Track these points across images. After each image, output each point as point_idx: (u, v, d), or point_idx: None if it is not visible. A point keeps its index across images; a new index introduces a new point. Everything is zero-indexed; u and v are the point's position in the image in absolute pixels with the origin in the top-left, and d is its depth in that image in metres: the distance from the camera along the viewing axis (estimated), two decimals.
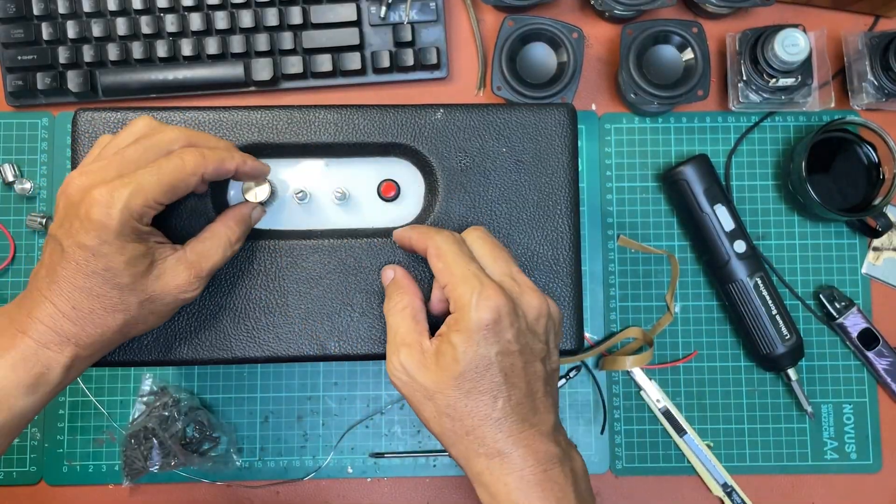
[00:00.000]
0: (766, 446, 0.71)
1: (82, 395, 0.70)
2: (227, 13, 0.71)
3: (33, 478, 0.70)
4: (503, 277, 0.45)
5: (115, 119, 0.52)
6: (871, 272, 0.72)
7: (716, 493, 0.69)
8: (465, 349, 0.42)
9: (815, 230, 0.72)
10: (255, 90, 0.73)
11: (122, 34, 0.71)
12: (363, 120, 0.53)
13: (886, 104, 0.71)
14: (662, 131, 0.73)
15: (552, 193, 0.53)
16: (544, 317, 0.44)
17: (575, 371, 0.71)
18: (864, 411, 0.71)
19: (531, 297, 0.44)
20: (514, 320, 0.43)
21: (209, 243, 0.48)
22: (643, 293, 0.72)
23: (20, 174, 0.72)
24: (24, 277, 0.72)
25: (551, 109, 0.54)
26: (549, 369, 0.45)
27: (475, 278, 0.43)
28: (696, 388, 0.71)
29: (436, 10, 0.72)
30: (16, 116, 0.73)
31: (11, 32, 0.71)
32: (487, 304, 0.42)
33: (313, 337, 0.52)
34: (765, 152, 0.73)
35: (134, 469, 0.67)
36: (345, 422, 0.71)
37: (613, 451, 0.71)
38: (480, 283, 0.43)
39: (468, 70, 0.74)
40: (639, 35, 0.68)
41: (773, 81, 0.68)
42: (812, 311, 0.72)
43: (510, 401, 0.43)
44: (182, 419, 0.68)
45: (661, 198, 0.73)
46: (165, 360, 0.52)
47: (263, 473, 0.70)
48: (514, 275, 0.45)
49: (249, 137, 0.52)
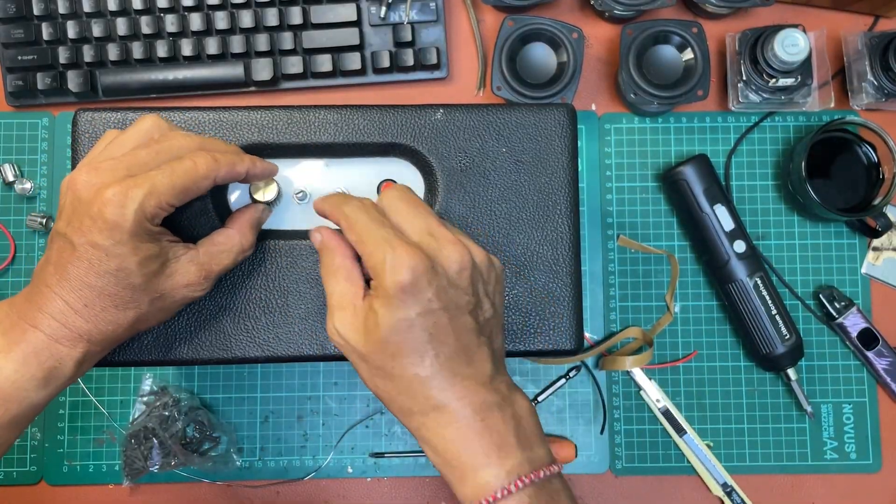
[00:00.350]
0: (766, 446, 0.71)
1: (82, 395, 0.70)
2: (227, 13, 0.71)
3: (33, 478, 0.70)
4: (421, 236, 0.44)
5: (116, 119, 0.52)
6: (870, 272, 0.72)
7: (716, 492, 0.69)
8: (384, 314, 0.42)
9: (815, 230, 0.72)
10: (255, 90, 0.73)
11: (123, 34, 0.71)
12: (363, 120, 0.53)
13: (886, 104, 0.71)
14: (662, 131, 0.73)
15: (552, 193, 0.53)
16: (467, 268, 0.43)
17: (575, 371, 0.71)
18: (863, 411, 0.71)
19: (450, 251, 0.43)
20: (433, 278, 0.42)
21: (223, 248, 0.48)
22: (643, 293, 0.72)
23: (20, 174, 0.72)
24: (24, 277, 0.72)
25: (551, 109, 0.54)
26: (481, 320, 0.44)
27: (386, 243, 0.42)
28: (696, 388, 0.71)
29: (436, 10, 0.72)
30: (16, 116, 0.73)
31: (11, 32, 0.71)
32: (401, 266, 0.41)
33: (313, 337, 0.52)
34: (765, 152, 0.73)
35: (134, 469, 0.68)
36: (345, 422, 0.71)
37: (613, 451, 0.71)
38: (392, 246, 0.42)
39: (468, 70, 0.74)
40: (639, 35, 0.68)
41: (772, 81, 0.68)
42: (812, 311, 0.72)
43: (439, 357, 0.42)
44: (182, 419, 0.68)
45: (661, 198, 0.73)
46: (166, 360, 0.52)
47: (263, 473, 0.70)
48: (432, 230, 0.44)
49: (249, 137, 0.52)
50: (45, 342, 0.44)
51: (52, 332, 0.44)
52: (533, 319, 0.53)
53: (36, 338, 0.44)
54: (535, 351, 0.53)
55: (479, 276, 0.45)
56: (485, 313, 0.45)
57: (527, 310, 0.53)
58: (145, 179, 0.43)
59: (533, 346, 0.53)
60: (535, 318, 0.53)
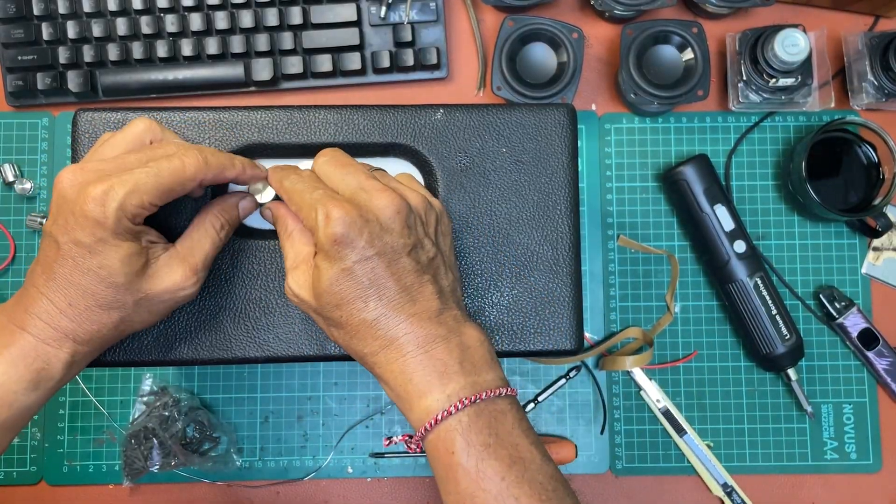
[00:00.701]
0: (766, 446, 0.71)
1: (82, 395, 0.70)
2: (227, 13, 0.71)
3: (33, 478, 0.70)
4: (353, 192, 0.45)
5: (116, 119, 0.52)
6: (871, 272, 0.72)
7: (716, 493, 0.69)
8: (325, 267, 0.44)
9: (815, 230, 0.72)
10: (255, 90, 0.73)
11: (123, 34, 0.71)
12: (363, 120, 0.53)
13: (886, 104, 0.71)
14: (662, 131, 0.73)
15: (552, 193, 0.53)
16: (401, 212, 0.45)
17: (575, 371, 0.71)
18: (864, 411, 0.71)
19: (379, 200, 0.45)
20: (364, 226, 0.44)
21: (195, 234, 0.49)
22: (643, 293, 0.72)
23: (20, 174, 0.72)
24: (24, 277, 0.71)
25: (551, 109, 0.54)
26: (423, 259, 0.46)
27: (317, 202, 0.44)
28: (696, 388, 0.71)
29: (436, 10, 0.72)
30: (16, 116, 0.73)
31: (11, 32, 0.71)
32: (332, 219, 0.43)
33: (313, 337, 0.52)
34: (765, 152, 0.73)
35: (134, 469, 0.68)
36: (345, 422, 0.71)
37: (613, 451, 0.71)
38: (322, 204, 0.44)
39: (468, 70, 0.74)
40: (639, 35, 0.68)
41: (773, 81, 0.68)
42: (812, 311, 0.72)
43: (381, 300, 0.44)
44: (182, 419, 0.68)
45: (661, 198, 0.73)
46: (165, 361, 0.52)
47: (263, 473, 0.70)
48: (362, 185, 0.46)
49: (249, 137, 0.52)
50: (32, 343, 0.44)
51: (39, 333, 0.44)
52: (533, 319, 0.53)
53: (24, 340, 0.44)
54: (535, 351, 0.53)
55: (417, 219, 0.46)
56: (427, 253, 0.46)
57: (527, 310, 0.53)
58: (129, 177, 0.43)
59: (533, 346, 0.53)
60: (535, 318, 0.53)
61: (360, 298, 0.44)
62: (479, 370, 0.45)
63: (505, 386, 0.46)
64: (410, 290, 0.45)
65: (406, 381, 0.45)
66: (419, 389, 0.44)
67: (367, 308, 0.44)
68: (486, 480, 0.43)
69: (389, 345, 0.45)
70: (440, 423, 0.44)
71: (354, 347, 0.46)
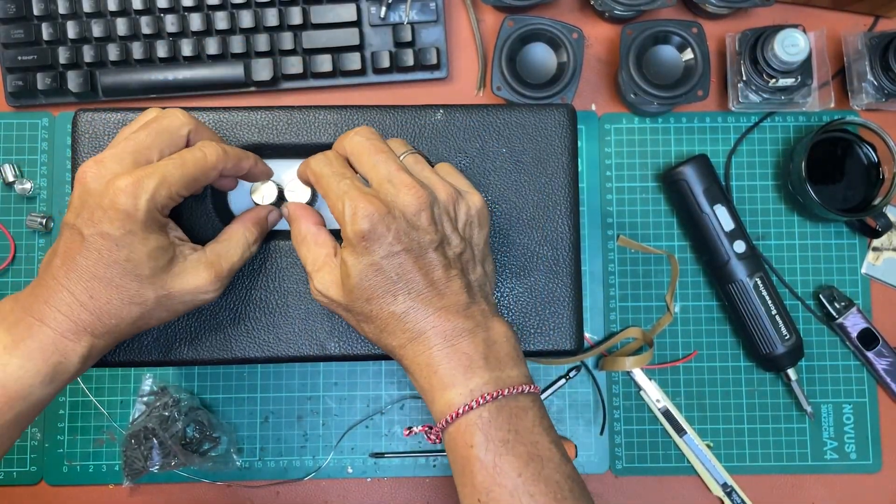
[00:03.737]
0: (766, 446, 0.71)
1: (82, 395, 0.70)
2: (227, 13, 0.71)
3: (33, 478, 0.70)
4: (381, 183, 0.45)
5: (116, 119, 0.52)
6: (870, 272, 0.72)
7: (716, 493, 0.69)
8: (352, 263, 0.45)
9: (815, 230, 0.72)
10: (255, 90, 0.73)
11: (123, 34, 0.71)
12: (363, 120, 0.53)
13: (886, 104, 0.71)
14: (662, 131, 0.73)
15: (552, 194, 0.53)
16: (426, 209, 0.45)
17: (575, 371, 0.71)
18: (863, 411, 0.71)
19: (405, 196, 0.45)
20: (391, 222, 0.44)
21: (228, 244, 0.49)
22: (643, 293, 0.72)
23: (20, 174, 0.72)
24: (24, 277, 0.72)
25: (551, 110, 0.54)
26: (450, 254, 0.46)
27: (345, 195, 0.44)
28: (696, 388, 0.71)
29: (436, 11, 0.72)
30: (16, 116, 0.73)
31: (11, 32, 0.71)
32: (359, 215, 0.44)
33: (313, 337, 0.52)
34: (765, 152, 0.73)
35: (134, 469, 0.68)
36: (345, 422, 0.71)
37: (613, 451, 0.71)
38: (350, 197, 0.44)
39: (468, 70, 0.74)
40: (639, 35, 0.68)
41: (772, 81, 0.68)
42: (812, 311, 0.72)
43: (410, 293, 0.45)
44: (182, 419, 0.68)
45: (661, 198, 0.73)
46: (166, 361, 0.52)
47: (263, 473, 0.70)
48: (391, 177, 0.45)
49: (250, 138, 0.53)
50: (51, 337, 0.44)
51: (57, 326, 0.44)
52: (533, 319, 0.53)
53: (42, 333, 0.44)
54: (535, 351, 0.53)
55: (445, 213, 0.46)
56: (454, 248, 0.47)
57: (527, 310, 0.53)
58: (156, 169, 0.44)
59: (533, 346, 0.53)
60: (535, 318, 0.53)
61: (389, 293, 0.45)
62: (504, 365, 0.46)
63: (529, 383, 0.46)
64: (438, 284, 0.45)
65: (431, 373, 0.45)
66: (443, 382, 0.45)
67: (396, 301, 0.45)
68: (502, 476, 0.43)
69: (417, 337, 0.45)
70: (461, 417, 0.44)
71: (385, 341, 0.47)
